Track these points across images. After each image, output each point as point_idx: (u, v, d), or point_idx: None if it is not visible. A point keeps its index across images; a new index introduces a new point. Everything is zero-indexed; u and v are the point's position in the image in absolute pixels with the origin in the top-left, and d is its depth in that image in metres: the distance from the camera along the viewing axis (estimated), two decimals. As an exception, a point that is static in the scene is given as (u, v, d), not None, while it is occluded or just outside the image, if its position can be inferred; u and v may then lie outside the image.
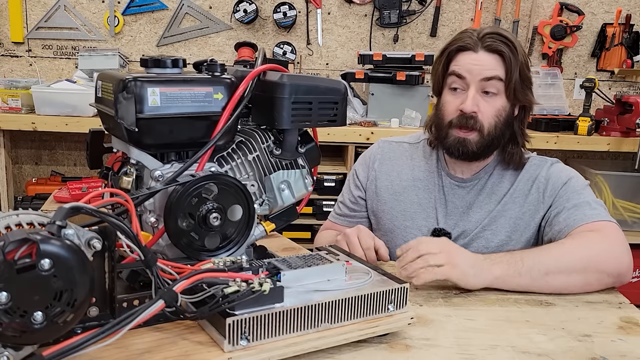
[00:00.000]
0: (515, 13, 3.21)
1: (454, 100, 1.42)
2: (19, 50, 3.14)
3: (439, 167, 1.53)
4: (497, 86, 1.39)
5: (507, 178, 1.49)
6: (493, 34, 1.39)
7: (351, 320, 0.91)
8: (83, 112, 2.65)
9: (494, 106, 1.40)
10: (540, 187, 1.45)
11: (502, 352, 0.97)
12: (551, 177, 1.45)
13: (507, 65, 1.38)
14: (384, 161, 1.59)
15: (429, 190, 1.52)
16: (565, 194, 1.40)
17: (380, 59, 2.89)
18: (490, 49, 1.39)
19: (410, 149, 1.60)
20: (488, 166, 1.49)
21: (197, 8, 3.15)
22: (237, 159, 1.02)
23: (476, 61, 1.39)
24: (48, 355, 0.67)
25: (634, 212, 2.84)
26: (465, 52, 1.41)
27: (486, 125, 1.40)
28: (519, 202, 1.45)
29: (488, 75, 1.38)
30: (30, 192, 2.96)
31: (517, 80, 1.39)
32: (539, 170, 1.47)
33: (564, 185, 1.42)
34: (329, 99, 1.04)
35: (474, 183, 1.49)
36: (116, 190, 0.82)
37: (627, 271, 1.26)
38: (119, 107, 0.90)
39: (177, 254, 0.93)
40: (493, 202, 1.47)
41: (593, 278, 1.23)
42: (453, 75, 1.42)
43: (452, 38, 1.46)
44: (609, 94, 3.07)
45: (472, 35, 1.41)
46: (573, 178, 1.44)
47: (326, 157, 2.26)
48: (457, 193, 1.50)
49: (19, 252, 0.65)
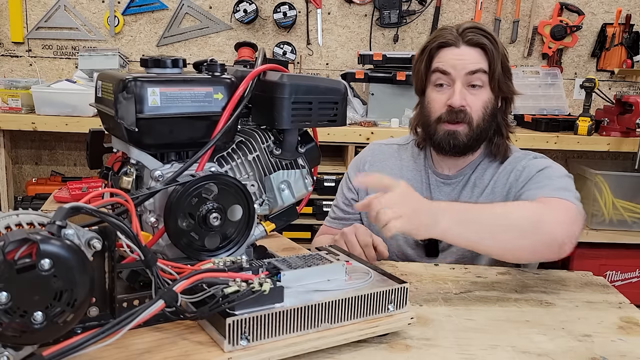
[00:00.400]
0: (515, 13, 3.20)
1: (440, 97, 1.43)
2: (19, 50, 3.14)
3: (426, 166, 1.55)
4: (482, 79, 1.41)
5: (490, 171, 1.49)
6: (472, 28, 1.41)
7: (351, 320, 0.91)
8: (83, 112, 2.65)
9: (481, 99, 1.42)
10: (517, 175, 1.44)
11: (502, 352, 0.97)
12: (528, 166, 1.44)
13: (490, 57, 1.40)
14: (374, 163, 1.61)
15: (416, 189, 1.51)
16: (537, 179, 1.39)
17: (380, 59, 2.89)
18: (471, 43, 1.40)
19: (399, 149, 1.62)
20: (473, 162, 1.50)
21: (197, 8, 3.15)
22: (237, 159, 1.02)
23: (459, 56, 1.40)
24: (48, 355, 0.67)
25: (634, 212, 2.84)
26: (447, 48, 1.42)
27: (475, 118, 1.41)
28: (499, 193, 1.45)
29: (472, 69, 1.39)
30: (30, 192, 2.96)
31: (499, 72, 1.41)
32: (519, 162, 1.47)
33: (539, 172, 1.40)
34: (329, 99, 1.04)
35: (459, 180, 1.50)
36: (116, 190, 0.82)
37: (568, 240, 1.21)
38: (119, 107, 0.90)
39: (177, 254, 0.93)
40: (475, 195, 1.48)
41: (542, 242, 1.19)
42: (437, 72, 1.43)
43: (432, 36, 1.47)
44: (609, 94, 3.07)
45: (452, 31, 1.42)
46: (550, 167, 1.42)
47: (326, 157, 2.25)
48: (442, 190, 1.51)
49: (19, 252, 0.65)
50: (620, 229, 2.82)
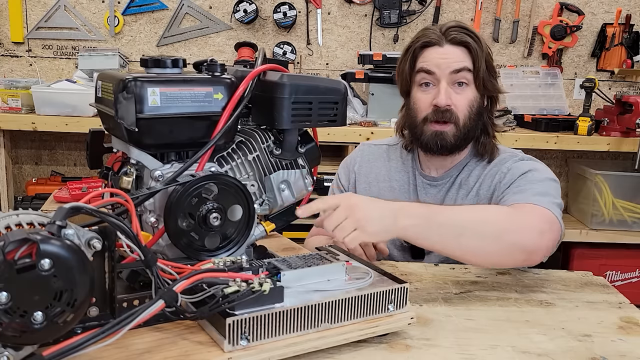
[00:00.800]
0: (515, 13, 3.20)
1: (426, 97, 1.43)
2: (19, 50, 3.14)
3: (414, 167, 1.55)
4: (467, 77, 1.41)
5: (476, 172, 1.48)
6: (455, 27, 1.41)
7: (351, 320, 0.91)
8: (83, 112, 2.65)
9: (467, 97, 1.41)
10: (500, 177, 1.42)
11: (502, 352, 0.97)
12: (513, 168, 1.42)
13: (474, 55, 1.40)
14: (363, 164, 1.62)
15: (403, 190, 1.54)
16: (518, 182, 1.36)
17: (380, 59, 2.89)
18: (455, 42, 1.40)
19: (388, 150, 1.62)
20: (460, 163, 1.50)
21: (197, 8, 3.15)
22: (237, 159, 1.02)
23: (443, 55, 1.40)
24: (48, 355, 0.67)
25: (634, 212, 2.84)
26: (431, 48, 1.42)
27: (461, 117, 1.41)
28: (484, 195, 1.44)
29: (457, 68, 1.39)
30: (30, 192, 2.96)
31: (484, 70, 1.41)
32: (504, 163, 1.45)
33: (522, 175, 1.38)
34: (329, 99, 1.04)
35: (445, 181, 1.50)
36: (116, 190, 0.82)
37: (540, 248, 1.20)
38: (119, 107, 0.90)
39: (177, 254, 0.93)
40: (460, 197, 1.47)
41: (506, 250, 1.17)
42: (422, 72, 1.43)
43: (415, 36, 1.47)
44: (609, 94, 3.07)
45: (435, 30, 1.42)
46: (535, 170, 1.39)
47: (326, 157, 2.25)
48: (429, 192, 1.51)
49: (19, 252, 0.65)
50: (620, 229, 2.82)
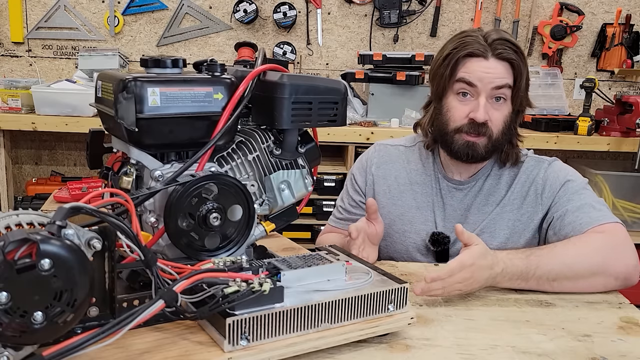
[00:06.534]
0: (515, 13, 3.21)
1: (462, 107, 1.40)
2: (19, 50, 3.14)
3: (436, 170, 1.52)
4: (506, 93, 1.39)
5: (505, 180, 1.48)
6: (501, 40, 1.37)
7: (351, 320, 0.91)
8: (83, 112, 2.65)
9: (503, 113, 1.40)
10: (538, 189, 1.44)
11: (502, 352, 0.97)
12: (549, 178, 1.44)
13: (517, 73, 1.38)
14: (381, 165, 1.58)
15: (426, 194, 1.52)
16: (565, 195, 1.40)
17: (380, 59, 2.89)
18: (501, 57, 1.37)
19: (406, 151, 1.59)
20: (485, 168, 1.49)
21: (197, 8, 3.15)
22: (237, 159, 1.02)
23: (487, 69, 1.36)
24: (48, 355, 0.67)
25: (634, 212, 2.84)
26: (475, 59, 1.37)
27: (495, 132, 1.39)
28: (517, 204, 1.45)
29: (499, 84, 1.37)
30: (30, 192, 2.96)
31: (523, 88, 1.40)
32: (536, 172, 1.46)
33: (562, 187, 1.41)
34: (329, 99, 1.04)
35: (471, 185, 1.49)
36: (116, 190, 0.82)
37: (634, 274, 1.26)
38: (119, 107, 0.90)
39: (177, 254, 0.93)
40: (491, 205, 1.47)
41: (599, 282, 1.23)
42: (462, 82, 1.38)
43: (457, 42, 1.40)
44: (609, 94, 3.07)
45: (479, 40, 1.38)
46: (571, 179, 1.42)
47: (326, 157, 2.26)
48: (455, 196, 1.49)
49: (19, 252, 0.65)
50: (620, 229, 2.82)
